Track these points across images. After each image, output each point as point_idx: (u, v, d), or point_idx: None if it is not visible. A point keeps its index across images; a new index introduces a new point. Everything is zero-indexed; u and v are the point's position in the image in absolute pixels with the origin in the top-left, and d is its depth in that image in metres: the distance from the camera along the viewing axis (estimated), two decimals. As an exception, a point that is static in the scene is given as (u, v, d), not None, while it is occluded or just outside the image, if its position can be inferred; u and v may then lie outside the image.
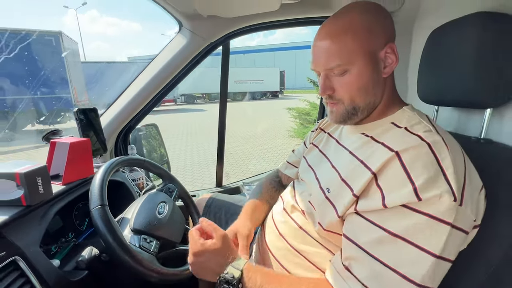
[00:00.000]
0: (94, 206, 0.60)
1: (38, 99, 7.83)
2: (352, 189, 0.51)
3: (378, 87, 0.55)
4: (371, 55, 0.53)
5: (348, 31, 0.52)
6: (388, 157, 0.47)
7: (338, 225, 0.54)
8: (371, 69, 0.53)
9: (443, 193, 0.41)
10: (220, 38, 1.09)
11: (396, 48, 0.54)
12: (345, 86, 0.54)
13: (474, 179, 0.48)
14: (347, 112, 0.56)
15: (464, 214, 0.43)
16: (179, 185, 0.95)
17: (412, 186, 0.42)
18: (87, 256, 0.63)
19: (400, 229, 0.43)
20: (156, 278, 0.63)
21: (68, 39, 8.37)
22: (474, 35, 0.58)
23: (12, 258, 0.53)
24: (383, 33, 0.53)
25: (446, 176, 0.42)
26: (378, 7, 0.55)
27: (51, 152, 0.77)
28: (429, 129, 0.49)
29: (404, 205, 0.43)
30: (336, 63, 0.52)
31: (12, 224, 0.56)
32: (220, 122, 1.42)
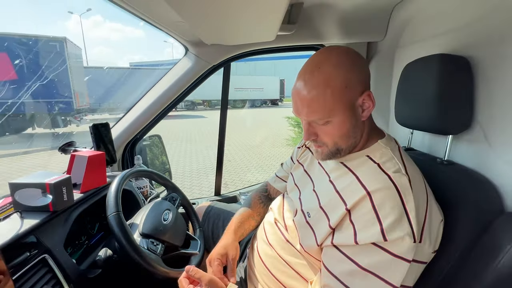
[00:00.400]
0: (110, 212, 0.70)
1: (39, 103, 7.94)
2: (329, 220, 0.58)
3: (358, 130, 0.60)
4: (350, 106, 0.57)
5: (327, 88, 0.55)
6: (361, 195, 0.53)
7: (317, 252, 0.62)
8: (351, 117, 0.58)
9: (405, 236, 0.49)
10: (222, 61, 1.22)
11: (372, 95, 0.59)
12: (328, 134, 0.59)
13: (434, 215, 0.55)
14: (331, 153, 0.61)
15: (423, 249, 0.52)
16: (182, 195, 1.05)
17: (380, 226, 0.50)
18: (103, 256, 0.73)
19: (369, 264, 0.51)
20: (161, 276, 0.72)
21: (72, 45, 8.56)
22: (436, 72, 0.69)
23: (42, 256, 0.62)
24: (359, 84, 0.58)
25: (409, 218, 0.50)
26: (351, 57, 0.58)
27: (71, 164, 0.87)
28: (398, 168, 0.55)
29: (373, 243, 0.51)
30: (318, 117, 0.57)
31: (42, 227, 0.66)
32: (220, 133, 1.52)
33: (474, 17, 0.71)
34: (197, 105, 19.47)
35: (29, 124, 7.97)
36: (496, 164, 0.63)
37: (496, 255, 0.53)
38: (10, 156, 5.88)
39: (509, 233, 0.53)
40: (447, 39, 0.80)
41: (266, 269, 0.73)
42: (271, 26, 0.84)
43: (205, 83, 1.32)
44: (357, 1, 0.92)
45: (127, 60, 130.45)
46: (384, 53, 1.15)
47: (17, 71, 7.21)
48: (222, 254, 0.73)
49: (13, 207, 0.69)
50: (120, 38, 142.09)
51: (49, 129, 8.22)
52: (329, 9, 0.97)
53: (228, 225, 0.85)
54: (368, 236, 0.51)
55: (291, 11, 0.95)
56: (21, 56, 7.20)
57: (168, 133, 8.87)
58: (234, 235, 0.80)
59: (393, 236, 0.49)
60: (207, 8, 0.65)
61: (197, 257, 0.89)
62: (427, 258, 0.55)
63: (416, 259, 0.52)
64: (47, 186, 0.68)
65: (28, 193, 0.69)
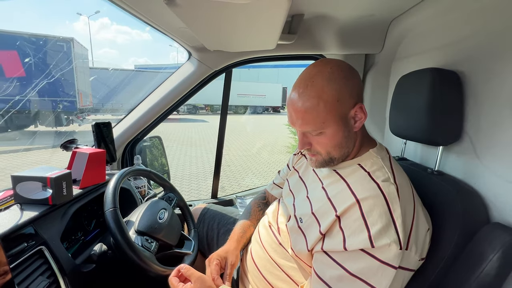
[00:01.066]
0: (107, 208, 0.72)
1: (43, 101, 8.02)
2: (320, 225, 0.60)
3: (351, 140, 0.63)
4: (342, 118, 0.59)
5: (320, 102, 0.57)
6: (350, 203, 0.56)
7: (308, 257, 0.63)
8: (343, 129, 0.60)
9: (391, 243, 0.50)
10: (223, 67, 1.25)
11: (364, 108, 0.61)
12: (322, 144, 0.62)
13: (421, 224, 0.57)
14: (324, 161, 0.64)
15: (409, 256, 0.54)
16: (179, 195, 1.07)
17: (368, 233, 0.52)
18: (98, 251, 0.75)
19: (357, 270, 0.53)
20: (154, 274, 0.74)
21: (78, 46, 8.69)
22: (428, 86, 0.71)
23: (39, 247, 0.64)
24: (351, 97, 0.59)
25: (396, 226, 0.52)
26: (343, 71, 0.60)
27: (72, 160, 0.90)
28: (387, 177, 0.58)
29: (361, 249, 0.52)
30: (312, 128, 0.60)
31: (41, 220, 0.68)
32: (219, 137, 1.55)
33: (464, 34, 0.74)
34: (199, 109, 19.60)
35: (32, 122, 8.03)
36: (483, 176, 0.65)
37: (479, 263, 0.55)
38: (12, 153, 5.92)
39: (492, 243, 0.55)
40: (439, 54, 0.83)
41: (257, 271, 0.74)
42: (271, 35, 0.88)
43: (208, 88, 1.35)
44: (356, 14, 0.95)
45: (132, 62, 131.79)
46: (381, 65, 1.19)
47: (25, 69, 7.33)
48: (222, 257, 0.76)
49: (13, 199, 0.71)
50: (126, 40, 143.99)
51: (51, 127, 8.27)
52: (329, 21, 1.00)
53: (231, 233, 0.87)
54: (357, 242, 0.53)
55: (292, 21, 0.98)
56: (29, 54, 7.33)
57: (169, 135, 8.92)
58: (237, 243, 0.82)
59: (380, 243, 0.51)
60: (210, 16, 0.69)
61: (190, 257, 0.90)
62: (414, 266, 0.56)
63: (403, 266, 0.53)
64: (48, 180, 0.70)
65: (29, 186, 0.71)
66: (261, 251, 0.76)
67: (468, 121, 0.71)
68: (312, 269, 0.61)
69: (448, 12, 0.79)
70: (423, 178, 0.74)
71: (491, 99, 0.64)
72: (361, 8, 0.90)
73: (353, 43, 1.15)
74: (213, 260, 0.74)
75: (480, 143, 0.67)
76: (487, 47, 0.67)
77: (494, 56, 0.64)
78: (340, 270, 0.54)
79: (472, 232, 0.60)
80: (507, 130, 0.59)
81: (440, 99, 0.70)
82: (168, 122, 12.09)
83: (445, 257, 0.61)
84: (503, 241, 0.53)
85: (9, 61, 7.06)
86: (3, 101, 7.09)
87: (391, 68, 1.14)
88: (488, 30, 0.67)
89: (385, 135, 1.18)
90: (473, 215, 0.62)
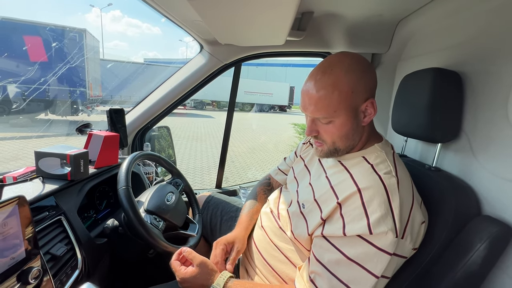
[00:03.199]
0: (121, 186, 0.78)
1: (55, 90, 8.18)
2: (321, 211, 0.63)
3: (358, 134, 0.65)
4: (353, 110, 0.61)
5: (335, 90, 0.59)
6: (352, 191, 0.58)
7: (307, 241, 0.67)
8: (352, 120, 0.62)
9: (388, 231, 0.53)
10: (233, 61, 1.30)
11: (375, 103, 0.63)
12: (329, 133, 0.64)
13: (417, 216, 0.60)
14: (329, 151, 0.66)
15: (404, 244, 0.57)
16: (185, 181, 1.12)
17: (367, 221, 0.55)
18: (111, 225, 0.80)
19: (354, 255, 0.56)
20: (161, 249, 0.79)
21: (90, 37, 8.83)
22: (429, 85, 0.74)
23: (59, 217, 0.70)
24: (365, 91, 0.61)
25: (393, 215, 0.55)
26: (361, 65, 0.62)
27: (88, 141, 0.96)
28: (389, 170, 0.60)
29: (359, 235, 0.55)
30: (323, 115, 0.62)
31: (60, 193, 0.74)
32: (225, 130, 1.60)
33: (467, 36, 0.77)
34: (206, 105, 19.69)
35: (42, 110, 8.20)
36: (478, 172, 0.69)
37: (467, 252, 0.59)
38: (24, 139, 6.08)
39: (480, 234, 0.59)
40: (443, 54, 0.86)
41: (259, 254, 0.79)
42: (281, 31, 0.92)
43: (215, 84, 1.38)
44: (365, 14, 0.98)
45: (141, 55, 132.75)
46: (387, 64, 1.21)
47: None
48: (229, 242, 0.79)
49: (35, 173, 0.77)
50: (136, 34, 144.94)
51: (61, 116, 8.44)
52: (337, 20, 1.03)
53: (239, 219, 0.90)
54: (356, 228, 0.56)
55: (302, 19, 1.02)
56: (49, 43, 7.52)
57: (176, 129, 9.01)
58: (245, 231, 0.85)
59: (378, 230, 0.54)
60: (224, 10, 0.73)
61: (194, 239, 0.95)
62: (407, 254, 0.60)
63: (397, 253, 0.56)
64: (68, 157, 0.75)
65: (50, 162, 0.77)
66: (262, 235, 0.80)
67: (466, 120, 0.74)
68: (311, 252, 0.64)
69: (453, 14, 0.82)
70: (421, 174, 0.77)
71: (488, 99, 0.67)
72: (370, 8, 0.93)
73: (360, 42, 1.18)
74: (220, 245, 0.77)
75: (476, 141, 0.70)
76: (487, 49, 0.69)
77: (493, 58, 0.67)
78: (338, 254, 0.57)
79: (464, 224, 0.63)
80: (502, 129, 0.62)
81: (440, 98, 0.73)
82: (174, 116, 12.21)
83: (436, 246, 0.64)
84: (490, 232, 0.57)
85: (35, 46, 7.28)
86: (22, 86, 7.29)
87: (397, 67, 1.16)
88: (489, 33, 0.70)
89: (388, 132, 1.21)
90: (465, 209, 0.65)
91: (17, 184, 0.71)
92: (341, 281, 0.56)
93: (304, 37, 1.04)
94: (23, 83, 6.94)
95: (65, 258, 0.66)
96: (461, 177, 0.74)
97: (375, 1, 0.87)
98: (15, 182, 0.71)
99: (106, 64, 11.96)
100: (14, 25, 7.33)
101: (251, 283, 0.68)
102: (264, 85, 20.42)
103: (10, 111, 7.39)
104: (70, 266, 0.67)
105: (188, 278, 0.64)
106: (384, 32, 1.11)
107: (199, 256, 0.69)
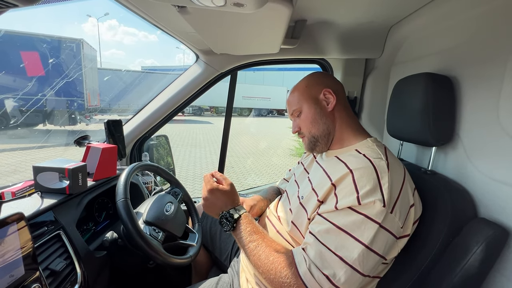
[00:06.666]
0: (119, 198, 0.78)
1: (52, 100, 8.21)
2: (317, 195, 0.67)
3: (327, 118, 0.76)
4: (312, 98, 0.77)
5: (295, 90, 0.81)
6: (344, 172, 0.63)
7: (305, 229, 0.69)
8: (314, 106, 0.77)
9: (376, 201, 0.57)
10: (229, 70, 1.31)
11: (333, 91, 0.76)
12: (303, 122, 0.79)
13: (406, 198, 0.62)
14: (310, 142, 0.78)
15: (393, 220, 0.58)
16: (184, 190, 1.12)
17: (357, 194, 0.58)
18: (110, 238, 0.80)
19: (343, 224, 0.58)
20: (160, 261, 0.79)
21: (88, 47, 8.89)
22: (422, 89, 0.76)
23: (57, 231, 0.70)
24: (317, 84, 0.79)
25: (382, 189, 0.58)
26: (316, 73, 0.83)
27: (86, 154, 0.96)
28: (380, 156, 0.65)
29: (349, 207, 0.59)
30: (293, 109, 0.81)
31: (59, 207, 0.74)
32: (223, 137, 1.60)
33: (457, 41, 0.79)
34: (204, 111, 19.75)
35: (41, 120, 8.21)
36: (472, 175, 0.69)
37: (464, 255, 0.59)
38: (24, 150, 6.07)
39: (476, 236, 0.59)
40: (434, 59, 0.88)
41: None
42: (275, 40, 0.93)
43: (213, 90, 1.40)
44: (357, 21, 1.00)
45: (138, 63, 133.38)
46: (381, 69, 1.23)
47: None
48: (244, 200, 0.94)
49: (34, 188, 0.77)
50: (133, 42, 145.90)
51: (60, 126, 8.46)
52: (330, 27, 1.05)
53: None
54: (346, 202, 0.59)
55: (295, 27, 1.03)
56: (47, 55, 7.57)
57: (174, 136, 9.01)
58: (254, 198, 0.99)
59: (366, 201, 0.57)
60: (218, 23, 0.74)
61: (194, 249, 0.95)
62: (397, 232, 0.59)
63: (385, 226, 0.57)
64: (66, 171, 0.76)
65: (48, 176, 0.77)
66: None
67: (459, 124, 0.75)
68: (308, 230, 0.67)
69: (443, 20, 0.83)
70: (416, 177, 0.78)
71: (479, 103, 0.68)
72: (361, 15, 0.95)
73: (353, 48, 1.20)
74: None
75: (470, 144, 0.71)
76: (476, 53, 0.71)
77: (482, 62, 0.69)
78: (328, 225, 0.61)
79: (460, 227, 0.64)
80: (494, 132, 0.63)
81: (433, 102, 0.74)
82: (173, 123, 12.23)
83: (434, 249, 0.65)
84: (486, 235, 0.57)
85: (32, 62, 7.36)
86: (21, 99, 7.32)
87: (390, 72, 1.18)
88: (478, 38, 0.71)
89: (384, 136, 1.22)
90: (461, 212, 0.66)
91: (16, 200, 0.72)
92: (329, 249, 0.58)
93: (298, 44, 1.06)
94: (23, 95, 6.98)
95: (64, 273, 0.66)
96: (457, 180, 0.74)
97: (366, 8, 0.89)
98: (14, 199, 0.72)
99: (104, 73, 12.01)
100: (11, 37, 7.38)
101: (257, 226, 0.71)
102: (262, 90, 20.54)
103: (8, 124, 7.41)
104: (69, 281, 0.67)
105: (217, 192, 0.74)
106: (377, 38, 1.13)
107: (229, 180, 0.79)
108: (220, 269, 1.13)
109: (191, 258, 0.90)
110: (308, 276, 0.58)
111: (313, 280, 0.57)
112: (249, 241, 0.67)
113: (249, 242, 0.67)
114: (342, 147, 0.75)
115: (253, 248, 0.67)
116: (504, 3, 0.64)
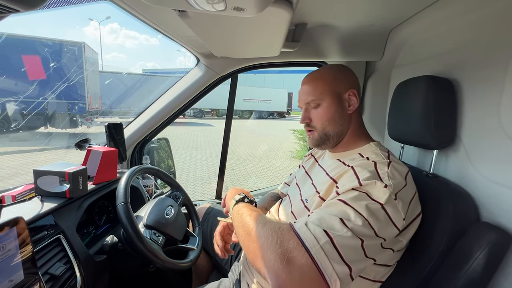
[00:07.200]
0: (119, 202, 0.78)
1: (54, 103, 8.25)
2: (319, 193, 0.67)
3: (344, 120, 0.74)
4: (337, 95, 0.73)
5: (320, 78, 0.74)
6: (346, 169, 0.64)
7: None
8: (337, 104, 0.72)
9: (376, 181, 0.56)
10: (230, 73, 1.31)
11: (357, 94, 0.73)
12: (318, 116, 0.74)
13: (407, 193, 0.60)
14: (320, 138, 0.75)
15: (396, 207, 0.55)
16: (185, 194, 1.12)
17: (358, 180, 0.58)
18: (110, 242, 0.80)
19: (346, 198, 0.55)
20: (160, 265, 0.78)
21: (89, 50, 8.94)
22: (423, 92, 0.75)
23: (57, 235, 0.70)
24: (346, 81, 0.74)
25: (380, 177, 0.58)
26: (343, 67, 0.77)
27: (87, 157, 0.96)
28: (383, 160, 0.64)
29: (352, 188, 0.57)
30: (311, 98, 0.73)
31: (59, 211, 0.74)
32: (224, 140, 1.61)
33: (457, 44, 0.78)
34: (205, 113, 19.79)
35: (42, 123, 8.24)
36: (474, 178, 0.69)
37: (468, 260, 0.58)
38: (25, 153, 6.08)
39: (479, 241, 0.59)
40: (434, 62, 0.87)
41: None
42: (275, 43, 0.93)
43: (214, 92, 1.40)
44: (357, 24, 1.00)
45: (139, 66, 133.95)
46: (381, 72, 1.23)
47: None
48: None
49: (34, 192, 0.77)
50: (134, 45, 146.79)
51: (61, 129, 8.48)
52: (331, 30, 1.05)
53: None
54: (348, 187, 0.58)
55: (296, 30, 1.04)
56: (48, 58, 7.62)
57: (175, 138, 9.02)
58: None
59: (367, 182, 0.57)
60: (219, 27, 0.74)
61: (194, 252, 0.95)
62: (399, 224, 0.56)
63: (388, 212, 0.54)
64: (66, 174, 0.76)
65: (48, 180, 0.77)
66: None
67: (461, 126, 0.74)
68: None
69: (443, 22, 0.83)
70: (418, 180, 0.77)
71: (481, 106, 0.68)
72: (362, 18, 0.95)
73: (354, 51, 1.20)
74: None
75: (472, 147, 0.71)
76: (477, 56, 0.71)
77: (483, 64, 0.68)
78: (330, 201, 0.58)
79: (463, 231, 0.63)
80: (495, 135, 0.63)
81: (434, 105, 0.74)
82: (174, 126, 12.25)
83: (437, 253, 0.64)
84: (489, 239, 0.57)
85: (33, 66, 7.41)
86: (22, 103, 7.37)
87: (391, 75, 1.18)
88: (478, 40, 0.71)
89: (385, 139, 1.21)
90: (464, 216, 0.65)
91: (16, 204, 0.71)
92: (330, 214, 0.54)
93: (298, 47, 1.06)
94: (24, 99, 7.02)
95: (64, 278, 0.66)
96: (459, 183, 0.74)
97: (367, 11, 0.89)
98: (14, 203, 0.72)
99: (105, 76, 12.05)
100: (13, 41, 7.43)
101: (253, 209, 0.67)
102: (263, 92, 20.57)
103: (10, 127, 7.44)
104: (69, 286, 0.66)
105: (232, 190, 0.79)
106: (377, 41, 1.13)
107: None
108: (221, 273, 1.12)
109: (192, 262, 0.90)
110: (303, 229, 0.52)
111: (308, 232, 0.51)
112: (249, 215, 0.63)
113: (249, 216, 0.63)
114: (346, 150, 0.75)
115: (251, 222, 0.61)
116: (505, 5, 0.64)
